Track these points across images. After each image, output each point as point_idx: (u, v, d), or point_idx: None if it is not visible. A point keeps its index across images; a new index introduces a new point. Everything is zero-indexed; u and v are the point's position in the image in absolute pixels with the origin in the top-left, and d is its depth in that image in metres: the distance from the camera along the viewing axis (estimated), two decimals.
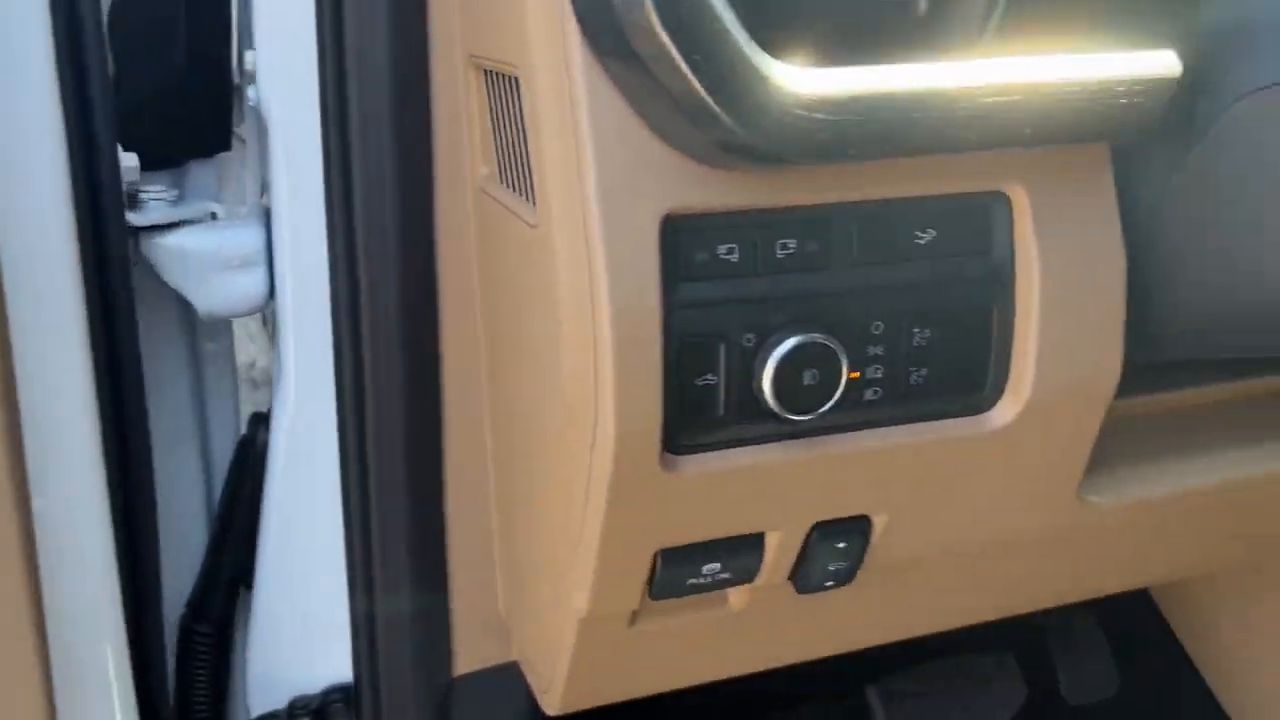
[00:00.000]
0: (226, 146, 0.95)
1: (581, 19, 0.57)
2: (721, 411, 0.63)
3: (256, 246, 0.88)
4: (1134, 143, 0.65)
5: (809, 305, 0.63)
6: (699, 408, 0.63)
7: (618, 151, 0.58)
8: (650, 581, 0.71)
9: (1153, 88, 0.60)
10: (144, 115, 0.86)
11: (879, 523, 0.73)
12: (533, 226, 0.64)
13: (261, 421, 0.96)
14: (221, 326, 1.01)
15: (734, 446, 0.65)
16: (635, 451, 0.61)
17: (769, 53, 0.53)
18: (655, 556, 0.69)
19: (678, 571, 0.70)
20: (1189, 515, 0.86)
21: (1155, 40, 0.59)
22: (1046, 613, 1.41)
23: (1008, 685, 1.29)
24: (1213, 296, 0.67)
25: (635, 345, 0.59)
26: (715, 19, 0.52)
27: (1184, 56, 0.60)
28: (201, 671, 1.00)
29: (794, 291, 0.62)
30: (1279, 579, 1.24)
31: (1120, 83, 0.59)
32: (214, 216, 0.90)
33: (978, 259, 0.66)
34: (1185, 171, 0.64)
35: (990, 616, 0.91)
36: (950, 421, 0.69)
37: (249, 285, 0.88)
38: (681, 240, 0.60)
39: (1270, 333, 0.66)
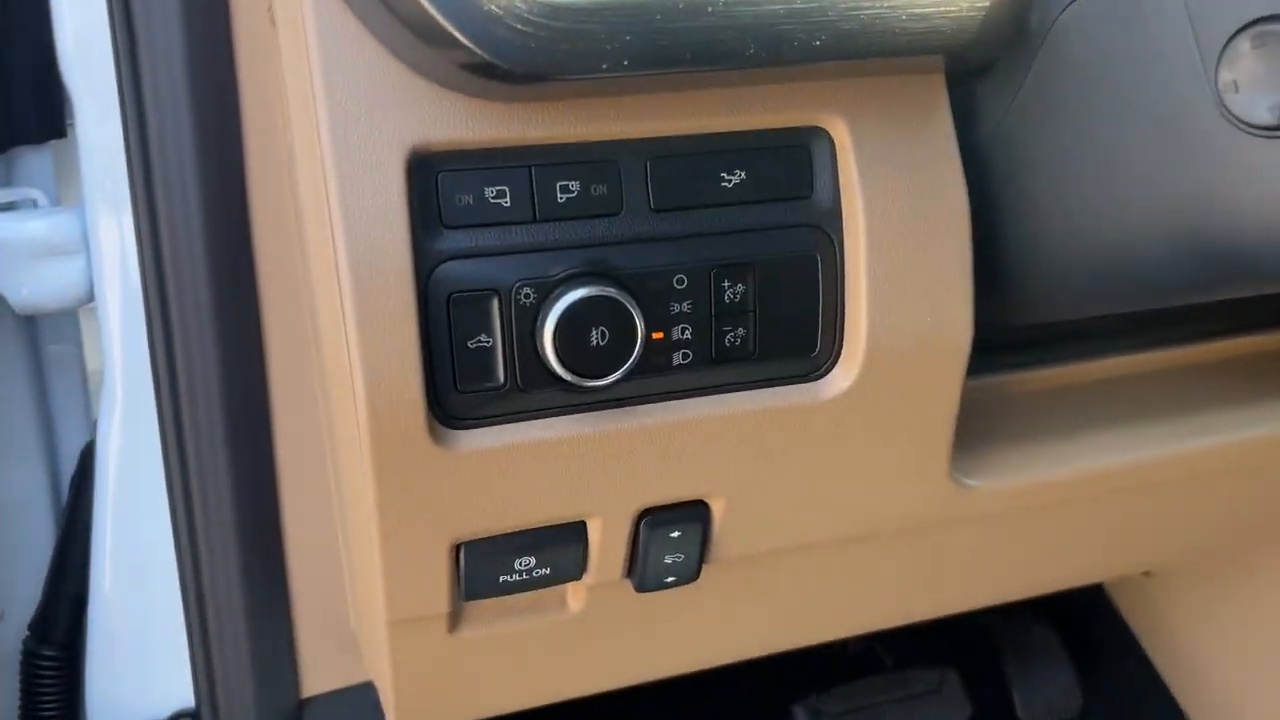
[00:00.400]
0: (59, 133, 0.89)
1: None
2: (502, 378, 0.56)
3: (75, 235, 0.81)
4: (966, 64, 0.58)
5: (595, 256, 0.55)
6: (474, 373, 0.55)
7: (352, 80, 0.51)
8: (459, 580, 0.63)
9: None
10: None
11: (718, 508, 0.65)
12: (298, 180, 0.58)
13: None
14: (68, 327, 0.95)
15: (523, 419, 0.57)
16: (394, 422, 0.54)
17: None
18: (457, 551, 0.62)
19: (486, 567, 0.62)
20: (1090, 505, 0.78)
21: None
22: (997, 620, 1.33)
23: (949, 702, 1.20)
24: (1071, 236, 0.59)
25: (381, 299, 0.52)
26: None
27: None
28: (48, 698, 0.93)
29: (578, 240, 0.55)
30: (1248, 574, 1.15)
31: None
32: (36, 204, 0.84)
33: (797, 204, 0.59)
34: (1023, 95, 0.57)
35: (881, 624, 0.82)
36: (780, 389, 0.61)
37: (66, 276, 0.81)
38: (442, 181, 0.53)
39: (1138, 273, 0.58)
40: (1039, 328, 0.74)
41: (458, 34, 0.47)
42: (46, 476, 0.95)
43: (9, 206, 0.84)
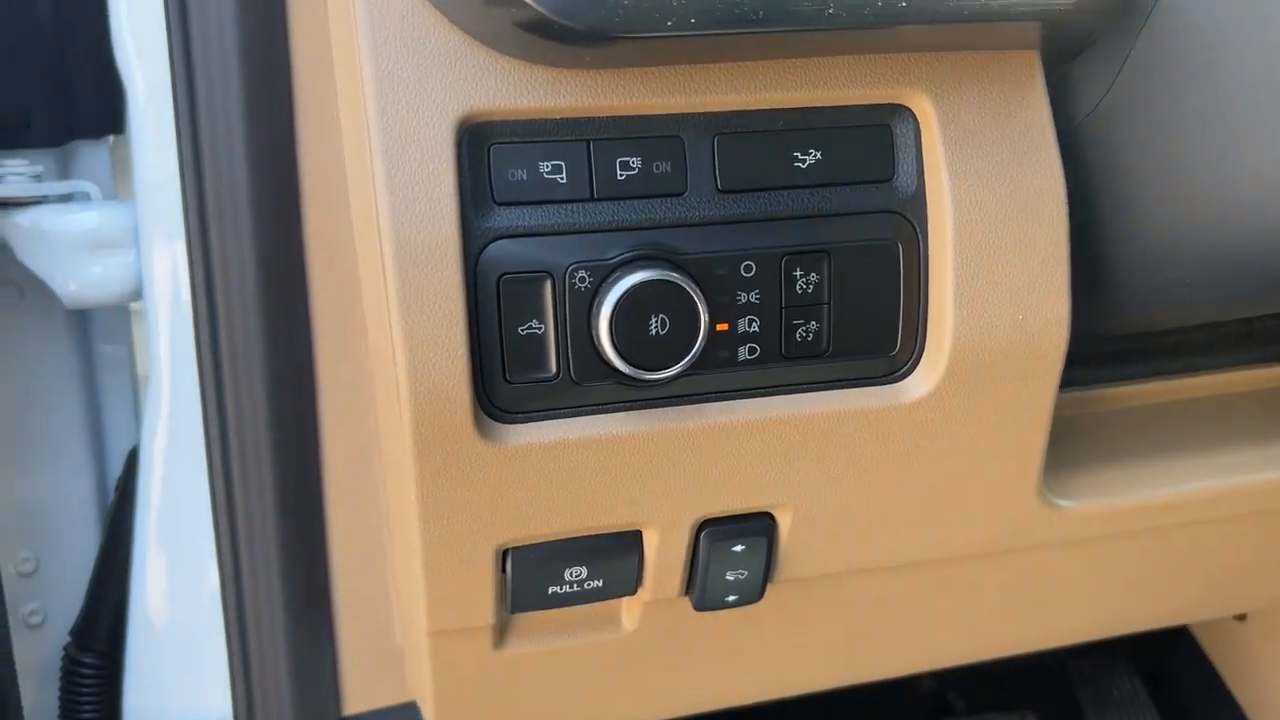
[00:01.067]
0: (117, 128, 0.88)
1: None
2: (554, 369, 0.52)
3: (125, 229, 0.79)
4: (1065, 38, 0.53)
5: (656, 239, 0.51)
6: (524, 362, 0.51)
7: (400, 42, 0.48)
8: (505, 590, 0.59)
9: None
10: None
11: (784, 521, 0.60)
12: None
13: None
14: (119, 325, 0.93)
15: (576, 414, 0.53)
16: (439, 411, 0.50)
17: None
18: (504, 558, 0.58)
19: (534, 576, 0.58)
20: (1187, 534, 0.72)
21: None
22: (1077, 662, 1.25)
23: None
24: (1178, 230, 0.54)
25: (426, 278, 0.48)
26: None
27: None
28: (88, 706, 0.91)
29: (638, 221, 0.51)
30: None
31: None
32: (89, 198, 0.83)
33: (877, 188, 0.54)
34: (1127, 72, 0.52)
35: (958, 659, 0.76)
36: (855, 390, 0.56)
37: (114, 271, 0.79)
38: (494, 154, 0.50)
39: (1256, 273, 0.52)
40: (1139, 338, 0.69)
41: None
42: (93, 479, 0.93)
43: (64, 199, 0.83)
